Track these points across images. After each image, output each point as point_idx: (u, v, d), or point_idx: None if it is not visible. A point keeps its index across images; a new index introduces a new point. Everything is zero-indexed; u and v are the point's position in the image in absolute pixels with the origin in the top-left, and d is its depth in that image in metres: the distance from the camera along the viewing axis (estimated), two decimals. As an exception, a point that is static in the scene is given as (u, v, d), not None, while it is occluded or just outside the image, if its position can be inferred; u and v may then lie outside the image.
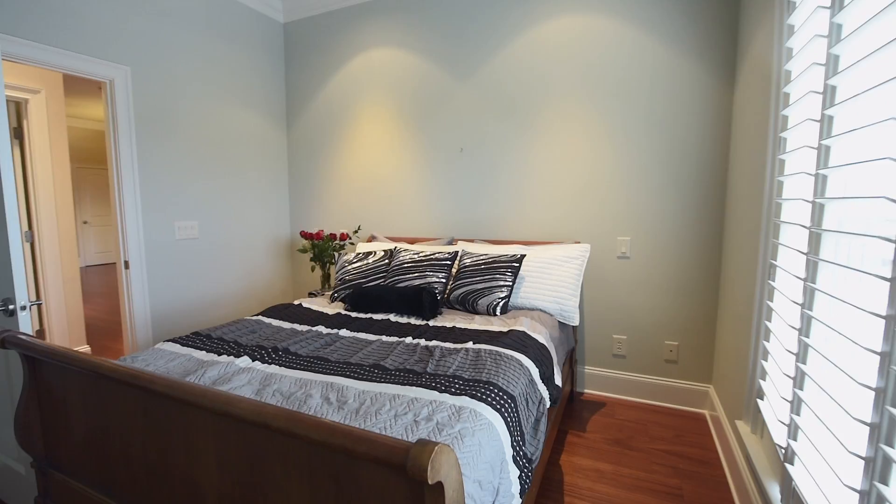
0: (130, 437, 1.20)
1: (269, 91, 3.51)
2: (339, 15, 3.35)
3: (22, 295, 1.54)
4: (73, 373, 1.31)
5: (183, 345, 1.78)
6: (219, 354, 1.68)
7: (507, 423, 1.27)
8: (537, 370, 1.68)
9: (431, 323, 2.15)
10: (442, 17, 3.00)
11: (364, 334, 1.96)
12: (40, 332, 3.33)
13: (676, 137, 2.48)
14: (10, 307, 1.53)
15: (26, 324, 1.55)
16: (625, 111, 2.57)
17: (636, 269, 2.65)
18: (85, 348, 3.51)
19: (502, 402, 1.32)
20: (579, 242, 2.64)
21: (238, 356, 1.65)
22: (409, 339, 1.85)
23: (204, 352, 1.71)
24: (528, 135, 2.82)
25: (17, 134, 3.16)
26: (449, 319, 2.20)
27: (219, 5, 3.05)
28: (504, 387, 1.40)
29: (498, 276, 2.31)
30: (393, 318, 2.24)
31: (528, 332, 1.94)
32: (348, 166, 3.45)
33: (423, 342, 1.82)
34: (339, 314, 2.30)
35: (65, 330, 3.38)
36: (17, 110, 3.14)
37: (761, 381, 1.62)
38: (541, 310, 2.34)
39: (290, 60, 3.60)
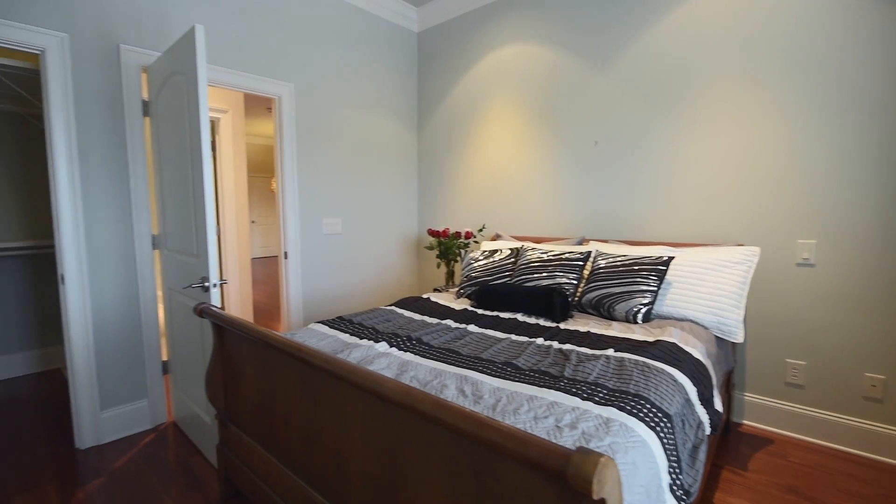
0: (290, 405, 1.33)
1: (404, 97, 3.73)
2: (470, 17, 3.40)
3: (214, 275, 1.86)
4: (249, 342, 1.51)
5: (330, 327, 1.96)
6: (360, 338, 1.80)
7: (663, 444, 1.10)
8: (695, 389, 1.44)
9: (562, 326, 2.01)
10: (576, 4, 2.83)
11: (492, 331, 1.92)
12: (222, 309, 4.03)
13: (881, 112, 1.93)
14: (206, 284, 1.85)
15: (216, 299, 1.86)
16: (802, 88, 2.10)
17: (823, 280, 2.14)
18: (251, 326, 4.15)
19: (657, 419, 1.15)
20: (742, 245, 2.23)
21: (377, 341, 1.75)
22: (540, 341, 1.75)
23: (348, 335, 1.85)
24: (676, 123, 2.49)
25: (212, 148, 3.89)
26: (581, 323, 2.03)
27: (363, 21, 3.35)
28: (657, 403, 1.22)
29: (640, 279, 2.07)
30: (520, 317, 2.16)
31: (680, 345, 1.68)
32: (474, 165, 3.48)
33: (555, 344, 1.71)
34: (465, 310, 2.31)
35: (238, 308, 4.04)
36: (212, 128, 3.86)
37: None
38: (692, 321, 2.03)
39: (423, 66, 3.78)
